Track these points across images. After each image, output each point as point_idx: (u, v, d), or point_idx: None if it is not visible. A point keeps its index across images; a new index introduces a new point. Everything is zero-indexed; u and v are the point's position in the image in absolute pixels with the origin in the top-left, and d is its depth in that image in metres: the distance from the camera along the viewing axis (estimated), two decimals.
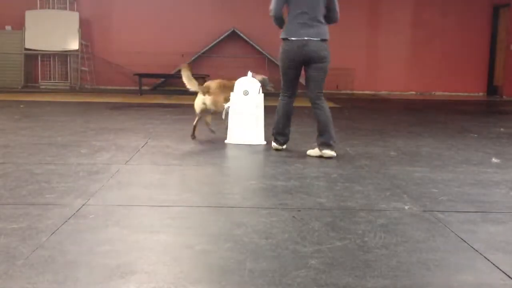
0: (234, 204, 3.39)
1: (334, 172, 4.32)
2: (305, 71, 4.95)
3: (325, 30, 4.87)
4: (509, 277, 2.32)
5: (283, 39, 4.90)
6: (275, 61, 11.22)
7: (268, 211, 3.22)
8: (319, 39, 4.79)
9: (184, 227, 2.92)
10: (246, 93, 5.56)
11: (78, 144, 5.35)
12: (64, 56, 13.28)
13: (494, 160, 4.99)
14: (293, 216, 3.12)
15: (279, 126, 5.10)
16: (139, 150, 5.11)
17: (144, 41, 13.34)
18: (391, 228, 2.96)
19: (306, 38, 4.76)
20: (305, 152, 5.04)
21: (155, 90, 13.28)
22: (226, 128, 5.66)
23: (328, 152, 4.81)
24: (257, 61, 13.30)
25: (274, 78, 6.00)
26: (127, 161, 4.58)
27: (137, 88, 12.34)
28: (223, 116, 5.67)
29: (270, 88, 5.86)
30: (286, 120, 5.09)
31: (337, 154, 4.89)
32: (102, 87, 13.49)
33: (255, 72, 5.83)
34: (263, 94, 5.65)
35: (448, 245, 2.71)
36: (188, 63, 5.44)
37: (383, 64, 14.02)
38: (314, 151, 4.96)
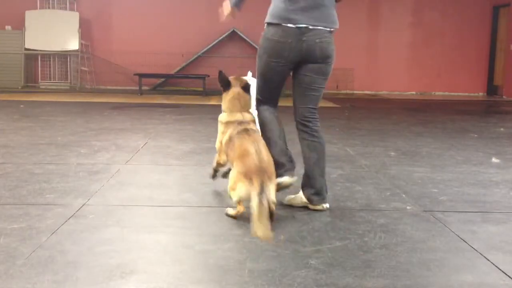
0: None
1: (334, 172, 4.32)
2: (294, 75, 3.35)
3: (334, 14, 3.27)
4: (509, 277, 2.32)
5: (269, 24, 3.32)
6: None
7: None
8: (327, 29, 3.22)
9: (184, 227, 2.92)
10: None
11: (78, 144, 5.35)
12: (64, 56, 13.28)
13: (494, 160, 4.99)
14: (293, 216, 3.12)
15: (279, 150, 3.39)
16: (139, 150, 5.11)
17: (144, 41, 13.34)
18: (391, 228, 2.96)
19: (305, 25, 3.17)
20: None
21: (155, 90, 13.28)
22: None
23: (322, 206, 3.27)
24: None
25: None
26: (127, 161, 4.58)
27: (137, 88, 12.35)
28: None
29: None
30: (283, 134, 3.46)
31: (337, 154, 4.88)
32: (102, 87, 13.49)
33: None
34: None
35: (448, 245, 2.71)
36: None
37: (383, 64, 14.01)
38: (296, 198, 3.35)
